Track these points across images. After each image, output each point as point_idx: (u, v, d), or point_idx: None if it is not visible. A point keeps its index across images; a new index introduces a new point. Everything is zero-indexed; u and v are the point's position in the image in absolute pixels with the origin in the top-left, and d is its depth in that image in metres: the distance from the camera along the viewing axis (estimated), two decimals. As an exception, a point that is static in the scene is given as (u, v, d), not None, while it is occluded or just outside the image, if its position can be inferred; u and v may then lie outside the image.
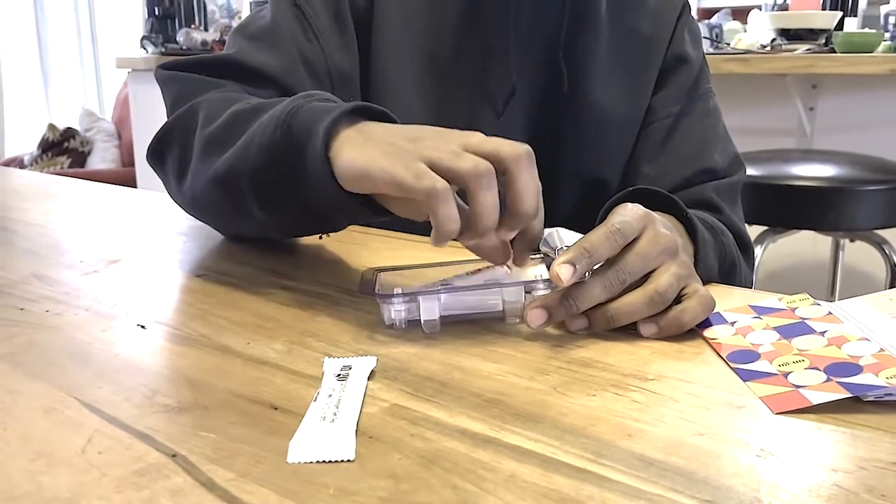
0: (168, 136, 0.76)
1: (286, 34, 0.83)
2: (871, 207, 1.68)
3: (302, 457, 0.39)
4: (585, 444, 0.41)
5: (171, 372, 0.51)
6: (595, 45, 0.88)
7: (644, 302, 0.56)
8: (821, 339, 0.53)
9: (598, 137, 0.90)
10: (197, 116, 0.73)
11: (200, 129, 0.71)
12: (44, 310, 0.63)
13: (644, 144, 0.91)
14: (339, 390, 0.46)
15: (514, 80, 0.85)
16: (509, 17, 0.85)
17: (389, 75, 0.85)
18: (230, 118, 0.68)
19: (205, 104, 0.74)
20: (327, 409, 0.44)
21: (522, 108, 0.87)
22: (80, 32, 5.16)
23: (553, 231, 0.62)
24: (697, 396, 0.47)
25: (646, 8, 0.91)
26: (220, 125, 0.69)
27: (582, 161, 0.90)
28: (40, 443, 0.41)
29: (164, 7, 3.25)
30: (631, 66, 0.90)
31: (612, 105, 0.89)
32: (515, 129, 0.88)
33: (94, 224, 0.98)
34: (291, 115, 0.60)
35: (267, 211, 0.66)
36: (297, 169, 0.60)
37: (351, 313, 0.62)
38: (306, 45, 0.83)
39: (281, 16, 0.84)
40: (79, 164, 4.13)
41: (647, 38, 0.91)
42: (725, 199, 0.88)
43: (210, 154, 0.68)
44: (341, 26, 0.84)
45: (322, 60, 0.83)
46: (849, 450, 0.41)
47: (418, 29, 0.86)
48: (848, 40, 2.10)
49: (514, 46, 0.85)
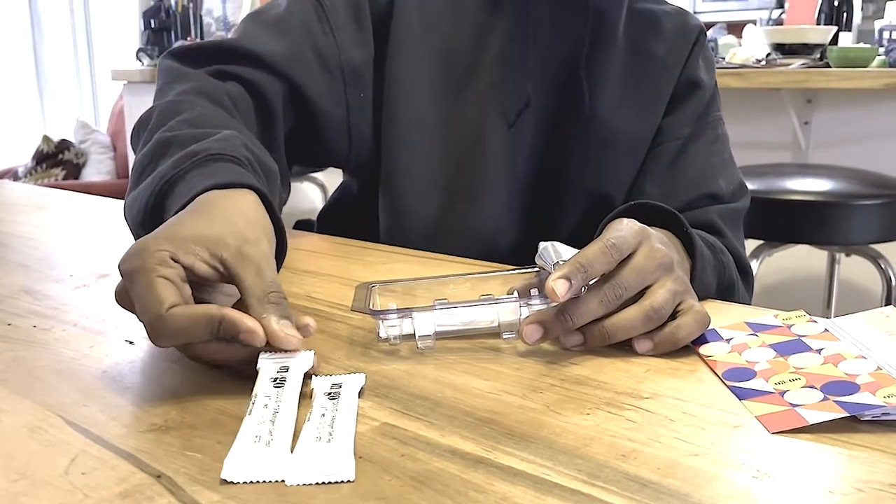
0: (134, 133, 0.77)
1: (299, 24, 0.83)
2: (866, 222, 1.68)
3: (300, 478, 0.39)
4: (579, 465, 0.40)
5: (158, 389, 0.50)
6: (610, 64, 0.88)
7: (639, 318, 0.55)
8: (817, 357, 0.52)
9: (607, 155, 0.89)
10: (148, 124, 0.74)
11: (141, 144, 0.72)
12: (31, 325, 0.62)
13: (651, 165, 0.91)
14: (332, 409, 0.46)
15: (529, 93, 0.85)
16: (529, 29, 0.84)
17: (403, 76, 0.85)
18: (151, 148, 0.68)
19: (157, 110, 0.74)
20: (322, 428, 0.43)
21: (534, 121, 0.87)
22: (76, 44, 5.16)
23: (548, 245, 0.61)
24: (693, 415, 0.46)
25: (662, 31, 0.91)
26: (145, 152, 0.69)
27: (588, 178, 0.90)
28: (23, 463, 0.40)
29: (160, 19, 3.25)
30: (643, 87, 0.90)
31: (623, 125, 0.89)
32: (525, 140, 0.88)
33: (85, 237, 0.97)
34: (169, 183, 0.62)
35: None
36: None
37: (343, 328, 0.61)
38: (321, 38, 0.83)
39: (297, 6, 0.84)
40: (73, 176, 4.12)
41: (662, 62, 0.91)
42: (728, 223, 0.88)
43: (132, 183, 0.70)
44: (359, 22, 0.85)
45: (336, 54, 0.83)
46: (845, 471, 0.40)
47: (437, 33, 0.86)
48: (842, 55, 2.11)
49: (533, 59, 0.85)
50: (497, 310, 0.57)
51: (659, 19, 0.91)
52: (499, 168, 0.87)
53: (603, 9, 0.86)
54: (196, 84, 0.77)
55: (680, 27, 0.92)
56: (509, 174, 0.87)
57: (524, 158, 0.88)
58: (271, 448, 0.41)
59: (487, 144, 0.86)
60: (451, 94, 0.86)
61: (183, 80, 0.78)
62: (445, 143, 0.86)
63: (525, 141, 0.87)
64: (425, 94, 0.86)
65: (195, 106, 0.73)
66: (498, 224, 0.89)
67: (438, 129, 0.86)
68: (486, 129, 0.86)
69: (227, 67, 0.79)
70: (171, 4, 3.26)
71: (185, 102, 0.74)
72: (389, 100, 0.85)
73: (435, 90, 0.86)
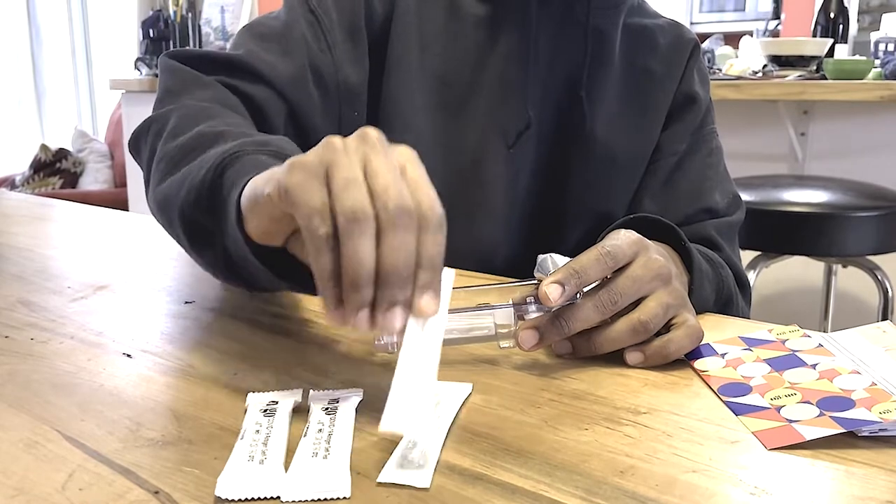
0: (143, 133, 0.74)
1: (299, 41, 0.81)
2: (862, 233, 1.68)
3: (296, 495, 0.39)
4: (577, 482, 0.40)
5: (156, 404, 0.50)
6: (608, 82, 0.88)
7: (627, 330, 0.56)
8: (812, 373, 0.53)
9: (606, 174, 0.89)
10: (167, 124, 0.70)
11: (165, 140, 0.69)
12: (28, 337, 0.62)
13: (648, 181, 0.91)
14: (329, 425, 0.46)
15: (529, 114, 0.85)
16: (529, 50, 0.84)
17: (400, 96, 0.84)
18: (191, 141, 0.65)
19: (179, 112, 0.71)
20: (319, 444, 0.43)
21: (533, 142, 0.87)
22: (74, 53, 5.16)
23: (547, 256, 0.61)
24: (690, 431, 0.46)
25: (657, 47, 0.91)
26: (180, 145, 0.66)
27: (589, 197, 0.90)
28: (20, 479, 0.40)
29: (159, 29, 3.26)
30: (641, 104, 0.90)
31: (621, 142, 0.89)
32: (525, 161, 0.87)
33: (83, 248, 0.97)
34: (231, 158, 0.56)
35: (196, 251, 0.61)
36: (217, 213, 0.55)
37: (340, 340, 0.61)
38: (318, 55, 0.81)
39: (295, 21, 0.82)
40: (70, 185, 4.12)
41: (658, 78, 0.91)
42: (725, 237, 0.88)
43: (161, 172, 0.65)
44: (355, 41, 0.83)
45: (332, 72, 0.82)
46: (843, 487, 0.40)
47: (435, 53, 0.85)
48: (839, 67, 2.12)
49: (532, 80, 0.85)
50: (494, 314, 0.57)
51: (653, 34, 0.92)
52: (498, 189, 0.87)
53: (601, 28, 0.86)
54: (216, 94, 0.76)
55: (674, 41, 0.93)
56: (509, 195, 0.87)
57: (524, 179, 0.88)
58: (265, 466, 0.41)
59: (487, 166, 0.86)
60: (450, 116, 0.86)
61: (203, 87, 0.76)
62: (444, 165, 0.85)
63: (525, 162, 0.87)
64: (421, 115, 0.85)
65: (226, 115, 0.72)
66: (497, 245, 0.88)
67: (437, 150, 0.85)
68: (485, 151, 0.86)
69: (233, 82, 0.78)
70: (169, 14, 3.27)
71: (212, 109, 0.72)
72: (386, 120, 0.84)
73: (433, 111, 0.86)
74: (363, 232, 0.42)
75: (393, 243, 0.42)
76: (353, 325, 0.43)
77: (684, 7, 4.96)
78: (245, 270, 0.55)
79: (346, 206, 0.42)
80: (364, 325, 0.43)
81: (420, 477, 0.40)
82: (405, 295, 0.43)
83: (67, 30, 5.12)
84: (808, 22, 2.62)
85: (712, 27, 4.60)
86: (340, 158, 0.44)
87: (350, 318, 0.43)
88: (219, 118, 0.69)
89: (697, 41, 0.95)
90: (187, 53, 0.81)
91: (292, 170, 0.44)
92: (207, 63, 0.80)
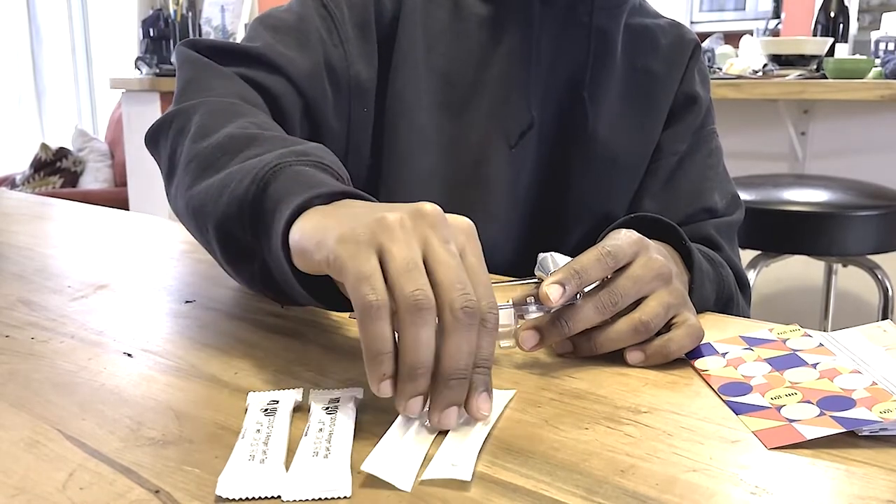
0: (165, 126, 0.73)
1: (314, 35, 0.81)
2: (863, 232, 1.68)
3: (296, 494, 0.39)
4: (578, 481, 0.40)
5: (156, 403, 0.50)
6: (610, 82, 0.88)
7: (628, 330, 0.56)
8: (812, 372, 0.53)
9: (608, 174, 0.90)
10: (192, 119, 0.69)
11: (192, 138, 0.68)
12: (29, 337, 0.62)
13: (649, 181, 0.91)
14: (330, 424, 0.46)
15: (532, 114, 0.85)
16: (532, 50, 0.84)
17: (405, 94, 0.84)
18: (223, 142, 0.65)
19: (205, 107, 0.70)
20: (319, 443, 0.43)
21: (535, 142, 0.87)
22: (74, 52, 5.17)
23: (547, 256, 0.61)
24: (691, 430, 0.46)
25: (658, 47, 0.91)
26: (212, 146, 0.65)
27: (590, 197, 0.90)
28: (20, 478, 0.40)
29: (159, 28, 3.25)
30: (642, 104, 0.91)
31: (623, 142, 0.89)
32: (527, 161, 0.87)
33: (83, 248, 0.97)
34: (274, 172, 0.55)
35: (229, 262, 0.61)
36: (260, 231, 0.54)
37: (341, 340, 0.61)
38: (332, 50, 0.81)
39: (309, 15, 0.82)
40: (71, 184, 4.12)
41: (659, 78, 0.91)
42: (725, 237, 0.88)
43: (193, 174, 0.64)
44: (366, 37, 0.83)
45: (344, 67, 0.82)
46: (844, 487, 0.40)
47: (439, 52, 0.85)
48: (839, 66, 2.12)
49: (535, 80, 0.85)
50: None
51: (654, 34, 0.92)
52: (500, 189, 0.87)
53: (604, 28, 0.86)
54: (238, 88, 0.75)
55: (676, 42, 0.93)
56: (510, 195, 0.87)
57: (525, 178, 0.88)
58: (266, 465, 0.41)
59: (489, 165, 0.86)
60: (453, 115, 0.86)
61: (224, 80, 0.76)
62: (446, 164, 0.85)
63: (527, 161, 0.87)
64: (426, 113, 0.85)
65: (251, 113, 0.71)
66: (498, 244, 0.88)
67: (440, 148, 0.85)
68: (487, 150, 0.86)
69: (252, 74, 0.77)
70: (170, 13, 3.27)
71: (237, 106, 0.72)
72: (391, 118, 0.84)
73: (437, 110, 0.86)
74: (426, 322, 0.42)
75: (458, 343, 0.43)
76: (402, 411, 0.44)
77: (684, 6, 4.96)
78: (281, 287, 0.55)
79: (407, 293, 0.42)
80: (416, 412, 0.44)
81: (460, 472, 0.40)
82: (463, 395, 0.44)
83: (68, 29, 5.12)
84: (808, 21, 2.62)
85: (712, 26, 4.61)
86: (398, 235, 0.44)
87: (401, 403, 0.44)
88: (245, 117, 0.69)
89: (698, 41, 0.95)
90: (206, 43, 0.80)
91: (343, 243, 0.45)
92: (226, 54, 0.79)
